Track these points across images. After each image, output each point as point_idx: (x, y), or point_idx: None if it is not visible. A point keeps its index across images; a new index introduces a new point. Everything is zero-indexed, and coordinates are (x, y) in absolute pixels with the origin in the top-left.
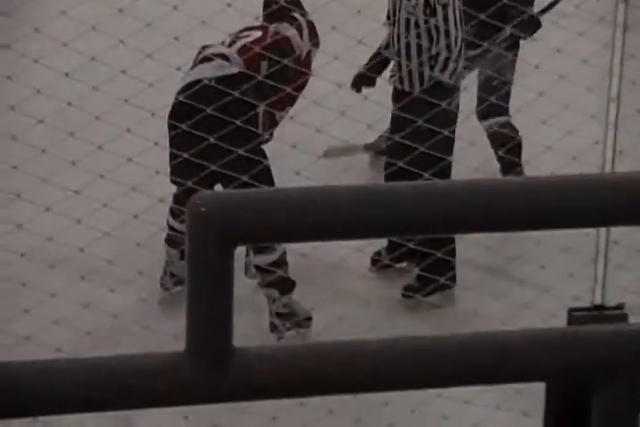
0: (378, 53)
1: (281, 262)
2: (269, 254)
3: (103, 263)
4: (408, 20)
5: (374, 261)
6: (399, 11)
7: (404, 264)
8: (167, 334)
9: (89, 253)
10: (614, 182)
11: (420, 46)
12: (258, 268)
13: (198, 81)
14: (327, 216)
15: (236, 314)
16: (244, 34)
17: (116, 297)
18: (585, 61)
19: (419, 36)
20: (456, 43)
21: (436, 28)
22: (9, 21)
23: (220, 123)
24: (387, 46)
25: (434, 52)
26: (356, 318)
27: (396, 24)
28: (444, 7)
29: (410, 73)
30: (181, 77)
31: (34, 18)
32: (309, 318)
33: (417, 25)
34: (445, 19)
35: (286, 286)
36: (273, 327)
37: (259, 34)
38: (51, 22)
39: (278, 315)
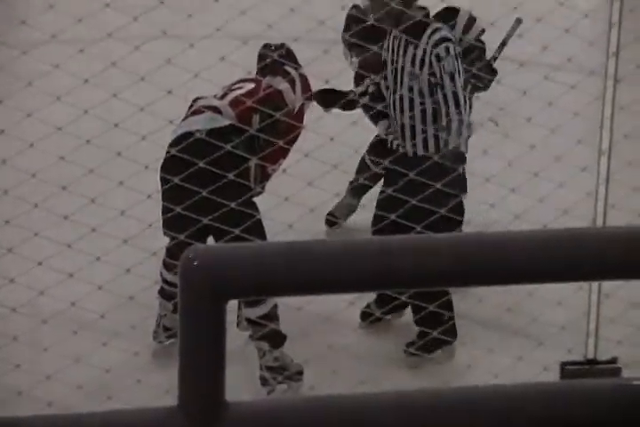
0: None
1: (272, 315)
2: (260, 307)
3: (95, 317)
4: (411, 88)
5: (364, 316)
6: (400, 81)
7: (389, 316)
8: (160, 388)
9: (81, 307)
10: (606, 236)
11: (424, 113)
12: (249, 320)
13: (189, 133)
14: (319, 270)
15: (227, 366)
16: (237, 86)
17: (108, 351)
18: (576, 114)
19: (422, 100)
20: (465, 109)
21: (444, 96)
22: (1, 76)
23: (211, 176)
24: (363, 93)
25: (444, 122)
26: (349, 371)
27: (397, 88)
28: (452, 77)
29: (414, 136)
30: (173, 130)
31: (26, 72)
32: (300, 372)
33: (422, 93)
34: (454, 88)
35: (277, 339)
36: (264, 381)
37: (251, 86)
38: (44, 76)
39: (269, 369)
